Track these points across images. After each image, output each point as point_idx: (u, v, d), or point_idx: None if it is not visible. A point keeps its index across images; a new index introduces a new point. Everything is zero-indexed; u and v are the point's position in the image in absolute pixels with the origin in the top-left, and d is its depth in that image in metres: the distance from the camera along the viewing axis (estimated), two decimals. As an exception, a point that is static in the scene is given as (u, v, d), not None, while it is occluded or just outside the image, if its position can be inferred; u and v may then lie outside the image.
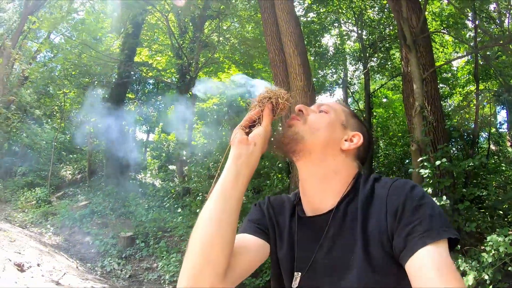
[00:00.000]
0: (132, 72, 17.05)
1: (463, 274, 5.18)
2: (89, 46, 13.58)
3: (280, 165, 9.30)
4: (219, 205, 1.09)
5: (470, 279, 4.98)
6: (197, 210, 8.42)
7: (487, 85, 13.30)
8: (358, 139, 1.27)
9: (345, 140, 1.27)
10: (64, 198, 13.00)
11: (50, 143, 15.44)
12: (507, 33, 9.18)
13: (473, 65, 12.11)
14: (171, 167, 15.98)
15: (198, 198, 9.05)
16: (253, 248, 1.26)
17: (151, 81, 23.01)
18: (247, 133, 1.23)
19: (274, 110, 1.27)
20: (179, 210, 9.72)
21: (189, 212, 8.87)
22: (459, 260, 5.28)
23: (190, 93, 13.91)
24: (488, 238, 5.21)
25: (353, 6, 13.90)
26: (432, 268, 0.92)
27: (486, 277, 5.05)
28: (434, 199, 5.26)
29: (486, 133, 13.57)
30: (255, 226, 1.31)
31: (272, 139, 1.26)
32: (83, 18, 14.99)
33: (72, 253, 9.32)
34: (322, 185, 1.24)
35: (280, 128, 1.32)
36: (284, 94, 1.28)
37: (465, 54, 13.49)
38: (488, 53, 10.73)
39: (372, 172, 12.21)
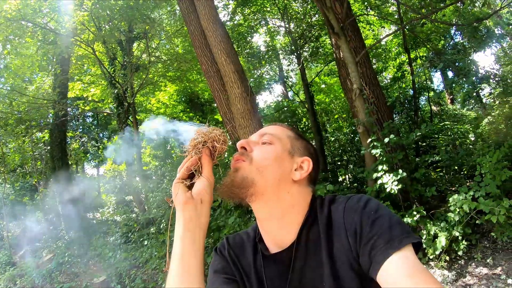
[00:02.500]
0: (68, 109, 16.45)
1: (435, 237, 5.35)
2: (18, 91, 12.98)
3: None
4: (184, 281, 1.03)
5: (442, 240, 5.14)
6: (164, 240, 8.22)
7: (417, 53, 13.85)
8: (307, 164, 1.23)
9: (295, 170, 1.21)
10: (27, 256, 12.32)
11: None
12: (427, 1, 9.57)
13: (401, 37, 12.56)
14: (128, 197, 15.52)
15: (162, 225, 8.84)
16: None
17: (89, 114, 22.42)
18: (189, 187, 1.14)
19: (212, 154, 1.18)
20: (146, 242, 9.45)
21: (156, 242, 8.65)
22: (428, 225, 5.44)
23: (131, 118, 13.59)
24: (450, 199, 5.41)
25: (277, 1, 14.03)
26: (402, 275, 0.90)
27: (457, 234, 5.23)
28: (391, 175, 5.47)
29: (426, 97, 14.18)
30: (222, 277, 1.24)
31: (219, 186, 1.17)
32: (7, 63, 14.31)
33: (50, 314, 8.87)
34: (281, 222, 1.19)
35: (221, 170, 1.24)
36: (219, 135, 1.18)
37: (392, 30, 13.99)
38: (413, 23, 11.16)
39: (325, 160, 12.43)
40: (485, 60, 39.22)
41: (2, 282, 10.57)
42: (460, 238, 5.31)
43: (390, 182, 5.51)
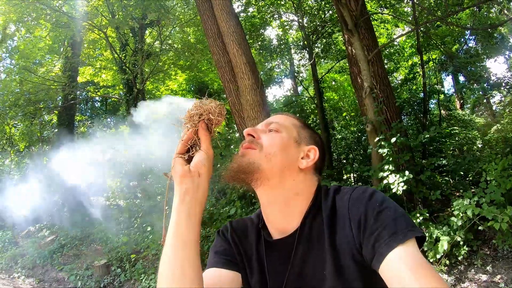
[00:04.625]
0: (78, 92, 16.49)
1: (437, 240, 5.34)
2: (30, 71, 13.00)
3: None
4: (179, 253, 1.01)
5: (444, 244, 5.13)
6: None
7: (430, 55, 13.73)
8: (314, 153, 1.23)
9: (302, 158, 1.22)
10: (30, 236, 12.39)
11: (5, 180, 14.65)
12: (443, 3, 9.48)
13: (414, 38, 12.45)
14: (132, 183, 15.52)
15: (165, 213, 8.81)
16: (225, 281, 1.20)
17: (97, 99, 22.45)
18: (188, 160, 1.13)
19: (209, 127, 1.17)
20: (148, 228, 9.48)
21: (158, 229, 8.66)
22: (431, 228, 5.42)
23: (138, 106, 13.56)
24: (454, 203, 5.40)
25: (292, -5, 13.94)
26: (404, 269, 0.90)
27: (459, 239, 5.22)
28: (397, 176, 5.45)
29: (436, 100, 14.07)
30: (223, 258, 1.25)
31: (225, 169, 1.18)
32: (18, 43, 14.36)
33: (49, 294, 8.93)
34: (285, 208, 1.19)
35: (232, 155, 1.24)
36: (215, 107, 1.17)
37: (406, 31, 13.86)
38: (428, 25, 11.06)
39: (331, 157, 12.39)
40: (497, 67, 38.80)
41: (3, 260, 10.65)
42: (461, 243, 5.30)
43: (396, 183, 5.50)
